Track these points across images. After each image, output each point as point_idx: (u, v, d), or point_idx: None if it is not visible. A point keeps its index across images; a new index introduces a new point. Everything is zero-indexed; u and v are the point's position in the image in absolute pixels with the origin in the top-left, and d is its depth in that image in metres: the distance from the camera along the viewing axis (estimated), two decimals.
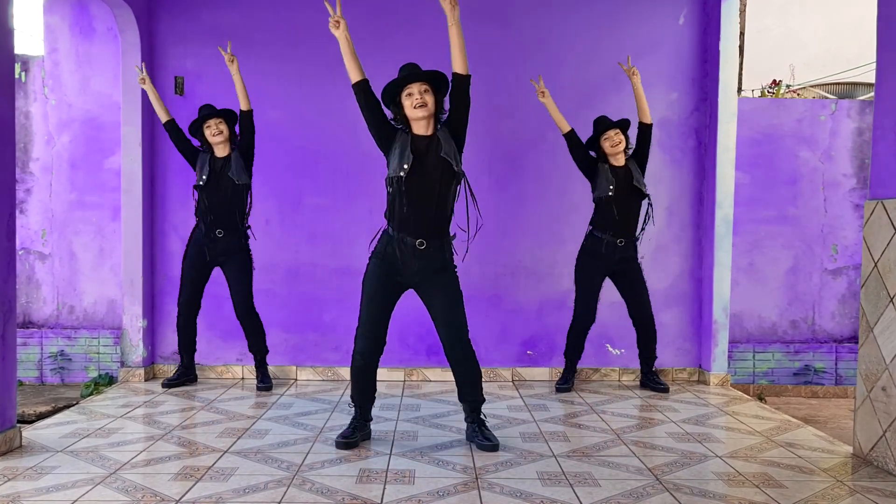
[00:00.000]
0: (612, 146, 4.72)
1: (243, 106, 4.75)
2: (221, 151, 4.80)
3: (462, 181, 3.62)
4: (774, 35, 8.18)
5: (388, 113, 3.65)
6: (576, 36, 5.25)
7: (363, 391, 3.74)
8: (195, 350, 5.07)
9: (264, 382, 4.94)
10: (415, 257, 3.54)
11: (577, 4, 5.25)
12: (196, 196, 4.83)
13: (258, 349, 5.01)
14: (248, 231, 4.95)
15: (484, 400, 3.75)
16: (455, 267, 3.69)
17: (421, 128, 3.54)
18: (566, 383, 4.99)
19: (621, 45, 5.22)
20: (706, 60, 5.27)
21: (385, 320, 3.64)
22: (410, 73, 3.53)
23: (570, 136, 4.78)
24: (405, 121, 3.57)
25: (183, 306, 4.93)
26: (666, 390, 4.93)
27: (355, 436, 3.69)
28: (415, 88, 3.49)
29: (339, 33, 3.51)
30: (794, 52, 7.89)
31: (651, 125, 4.83)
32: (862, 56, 7.20)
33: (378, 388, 4.91)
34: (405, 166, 3.47)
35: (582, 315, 4.91)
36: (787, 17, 8.35)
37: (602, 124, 4.75)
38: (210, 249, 4.81)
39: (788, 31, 8.28)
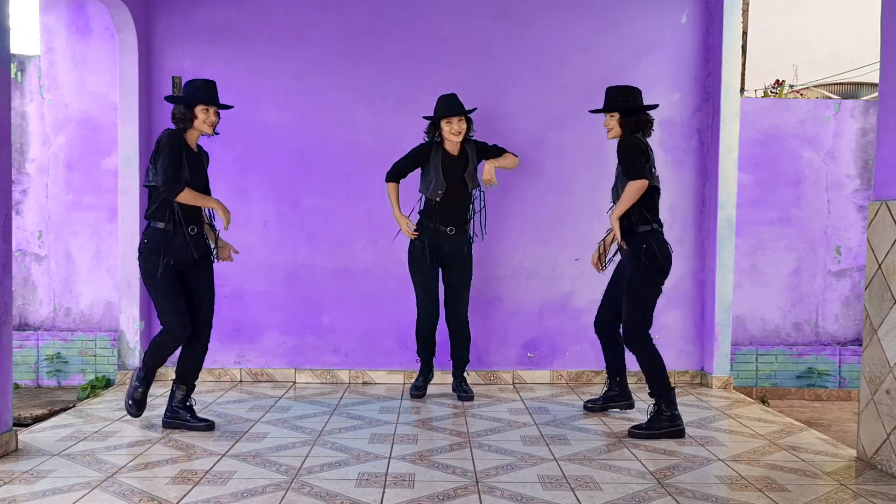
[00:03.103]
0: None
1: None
2: (194, 143, 3.91)
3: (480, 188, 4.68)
4: (777, 34, 8.14)
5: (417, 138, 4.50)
6: (577, 35, 5.21)
7: (427, 348, 4.73)
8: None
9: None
10: (445, 240, 4.56)
11: (579, 3, 5.21)
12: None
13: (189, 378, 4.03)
14: (215, 226, 4.02)
15: (468, 361, 4.77)
16: (471, 251, 4.65)
17: (452, 146, 4.56)
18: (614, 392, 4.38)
19: (623, 45, 5.20)
20: (709, 60, 5.23)
21: (436, 290, 4.65)
22: (456, 109, 4.46)
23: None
24: (439, 137, 4.56)
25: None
26: None
27: (425, 384, 4.78)
28: (454, 119, 4.49)
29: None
30: (798, 51, 7.85)
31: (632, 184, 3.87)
32: (866, 56, 7.16)
33: (377, 391, 4.97)
34: (440, 192, 4.49)
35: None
36: (791, 17, 8.32)
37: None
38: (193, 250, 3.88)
39: (792, 31, 8.25)
